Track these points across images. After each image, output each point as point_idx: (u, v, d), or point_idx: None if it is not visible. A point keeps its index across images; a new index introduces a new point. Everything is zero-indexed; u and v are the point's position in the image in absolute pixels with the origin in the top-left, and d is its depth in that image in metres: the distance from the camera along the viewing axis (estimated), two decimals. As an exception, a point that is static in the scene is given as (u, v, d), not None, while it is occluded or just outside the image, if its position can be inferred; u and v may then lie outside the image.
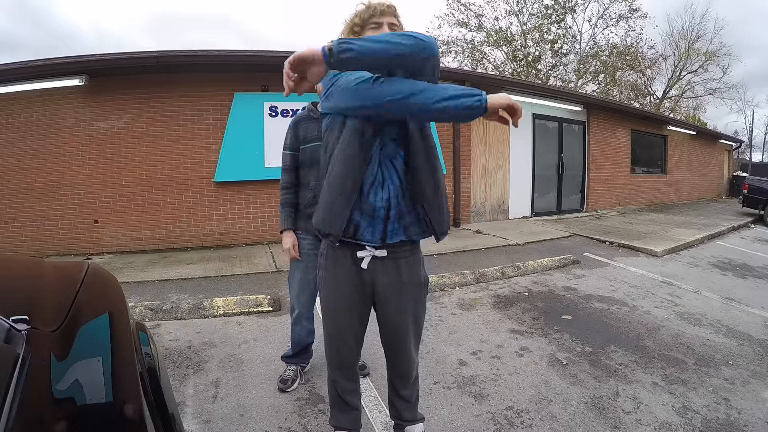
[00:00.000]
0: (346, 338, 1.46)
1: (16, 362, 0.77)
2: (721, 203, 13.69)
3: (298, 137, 2.11)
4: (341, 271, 1.39)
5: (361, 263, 1.35)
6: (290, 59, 1.09)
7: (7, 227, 5.18)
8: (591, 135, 9.48)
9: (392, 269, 1.38)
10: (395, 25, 1.35)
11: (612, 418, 1.98)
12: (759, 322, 3.26)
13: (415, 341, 1.52)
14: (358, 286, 1.39)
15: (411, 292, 1.43)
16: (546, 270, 4.63)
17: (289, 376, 2.23)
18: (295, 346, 2.27)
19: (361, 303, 1.42)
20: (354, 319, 1.44)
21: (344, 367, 1.53)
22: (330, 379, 1.57)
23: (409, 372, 1.54)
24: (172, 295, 3.59)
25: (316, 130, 2.05)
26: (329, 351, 1.52)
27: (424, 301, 1.49)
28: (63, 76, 4.92)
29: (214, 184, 5.60)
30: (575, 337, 2.88)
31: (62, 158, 5.21)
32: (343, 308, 1.42)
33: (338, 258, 1.39)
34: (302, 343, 2.26)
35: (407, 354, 1.49)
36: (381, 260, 1.36)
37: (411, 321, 1.46)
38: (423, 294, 1.48)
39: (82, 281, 1.25)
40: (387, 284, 1.38)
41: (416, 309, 1.47)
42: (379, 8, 1.34)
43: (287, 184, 2.14)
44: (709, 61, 21.35)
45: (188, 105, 5.47)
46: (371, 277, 1.37)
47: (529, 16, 18.50)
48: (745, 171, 17.80)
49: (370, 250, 1.34)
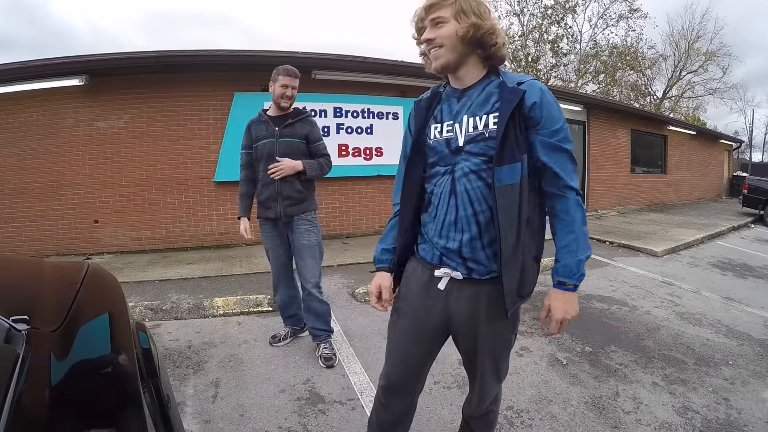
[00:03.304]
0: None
1: (16, 362, 0.77)
2: (721, 203, 13.68)
3: (252, 137, 2.46)
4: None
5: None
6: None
7: (7, 227, 5.17)
8: (591, 135, 9.47)
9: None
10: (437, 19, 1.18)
11: (612, 418, 1.98)
12: (759, 322, 3.26)
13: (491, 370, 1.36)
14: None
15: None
16: (546, 270, 4.63)
17: (280, 333, 2.70)
18: (282, 310, 2.68)
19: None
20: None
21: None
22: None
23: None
24: (172, 295, 3.59)
25: (264, 130, 2.41)
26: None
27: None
28: (63, 76, 4.92)
29: (214, 184, 5.60)
30: (575, 337, 2.88)
31: (62, 158, 5.21)
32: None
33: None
34: (287, 307, 2.65)
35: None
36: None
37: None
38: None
39: (82, 281, 1.25)
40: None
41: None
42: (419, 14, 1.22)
43: (245, 178, 2.55)
44: (709, 61, 21.36)
45: (188, 105, 5.47)
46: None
47: (530, 17, 18.52)
48: (745, 171, 17.79)
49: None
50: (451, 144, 1.19)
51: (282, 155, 2.34)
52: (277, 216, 2.39)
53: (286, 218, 2.39)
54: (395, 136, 6.13)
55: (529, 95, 1.12)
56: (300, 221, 2.41)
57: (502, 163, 1.11)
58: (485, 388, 1.38)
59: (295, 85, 2.37)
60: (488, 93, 1.17)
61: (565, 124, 1.15)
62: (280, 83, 2.34)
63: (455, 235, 1.18)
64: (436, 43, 1.16)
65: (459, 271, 1.19)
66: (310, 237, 2.43)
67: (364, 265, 4.61)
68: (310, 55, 5.56)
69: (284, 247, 2.51)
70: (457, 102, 1.22)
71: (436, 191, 1.22)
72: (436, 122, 1.25)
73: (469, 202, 1.16)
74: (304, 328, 2.70)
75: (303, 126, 2.43)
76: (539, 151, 1.13)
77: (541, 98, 1.12)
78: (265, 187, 2.40)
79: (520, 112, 1.12)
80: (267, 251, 2.57)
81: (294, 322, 2.70)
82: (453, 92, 1.24)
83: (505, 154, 1.11)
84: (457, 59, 1.18)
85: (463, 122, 1.19)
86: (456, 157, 1.19)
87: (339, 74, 5.80)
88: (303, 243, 2.41)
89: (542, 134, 1.13)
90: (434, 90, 1.31)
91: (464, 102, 1.21)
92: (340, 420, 1.94)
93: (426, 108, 1.29)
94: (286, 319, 2.70)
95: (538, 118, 1.12)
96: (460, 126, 1.19)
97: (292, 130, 2.39)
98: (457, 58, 1.17)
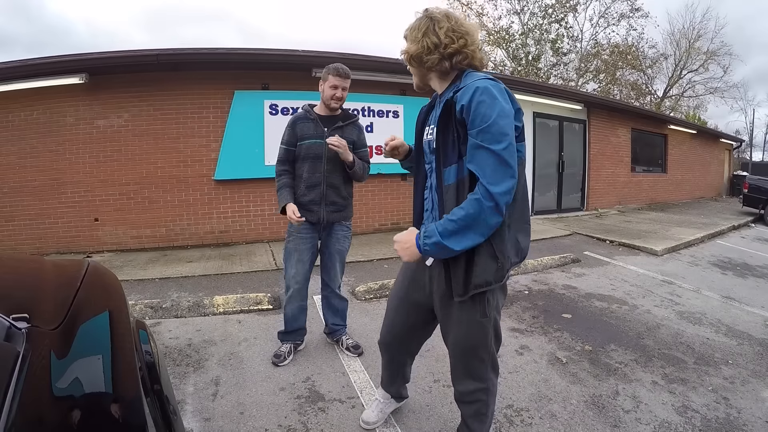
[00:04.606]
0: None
1: (16, 360, 0.77)
2: (721, 202, 13.68)
3: (296, 134, 2.33)
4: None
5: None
6: None
7: (7, 225, 5.17)
8: (591, 134, 9.46)
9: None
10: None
11: (612, 416, 1.99)
12: (759, 322, 3.27)
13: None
14: None
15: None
16: (546, 269, 4.63)
17: (282, 351, 2.47)
18: (289, 323, 2.48)
19: None
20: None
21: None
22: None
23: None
24: (172, 293, 3.59)
25: (311, 129, 2.31)
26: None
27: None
28: (63, 74, 4.91)
29: (214, 182, 5.60)
30: (575, 336, 2.89)
31: (62, 156, 5.20)
32: None
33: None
34: (295, 320, 2.48)
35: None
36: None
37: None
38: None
39: (83, 279, 1.25)
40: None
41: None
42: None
43: (283, 171, 2.36)
44: (709, 60, 21.33)
45: (188, 103, 5.46)
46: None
47: (530, 15, 18.47)
48: (745, 170, 17.73)
49: None
50: (431, 145, 1.37)
51: (330, 159, 2.27)
52: (318, 220, 2.34)
53: (327, 223, 2.37)
54: (396, 134, 6.11)
55: (459, 99, 1.20)
56: (339, 227, 2.42)
57: (445, 165, 1.27)
58: (456, 367, 1.48)
59: (346, 85, 2.28)
60: (442, 102, 1.32)
61: (497, 122, 1.14)
62: (330, 83, 2.25)
63: (431, 222, 1.33)
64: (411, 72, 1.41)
65: None
66: (345, 243, 2.47)
67: (364, 263, 4.62)
68: (310, 54, 5.55)
69: (313, 250, 2.42)
70: (437, 108, 1.39)
71: (428, 184, 1.44)
72: (428, 126, 1.43)
73: (438, 195, 1.32)
74: (302, 342, 2.61)
75: (352, 130, 2.38)
76: (468, 152, 1.19)
77: (470, 100, 1.17)
78: (310, 189, 2.31)
79: (455, 118, 1.22)
80: (289, 252, 2.39)
81: (296, 336, 2.54)
82: (438, 99, 1.42)
83: (447, 157, 1.26)
84: (420, 79, 1.41)
85: (432, 126, 1.38)
86: (432, 156, 1.36)
87: (339, 72, 5.78)
88: (338, 248, 2.45)
89: (471, 134, 1.18)
90: (433, 96, 1.48)
91: (435, 109, 1.40)
92: (339, 418, 1.94)
93: (425, 113, 1.47)
94: (288, 334, 2.51)
95: (467, 120, 1.19)
96: (431, 130, 1.38)
97: (342, 133, 2.31)
98: (419, 78, 1.41)
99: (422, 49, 1.29)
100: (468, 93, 1.18)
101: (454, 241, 1.17)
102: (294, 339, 2.54)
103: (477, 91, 1.17)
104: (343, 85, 2.27)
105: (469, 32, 1.30)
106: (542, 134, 8.60)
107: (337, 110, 2.37)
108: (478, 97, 1.16)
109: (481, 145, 1.15)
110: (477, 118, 1.16)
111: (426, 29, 1.30)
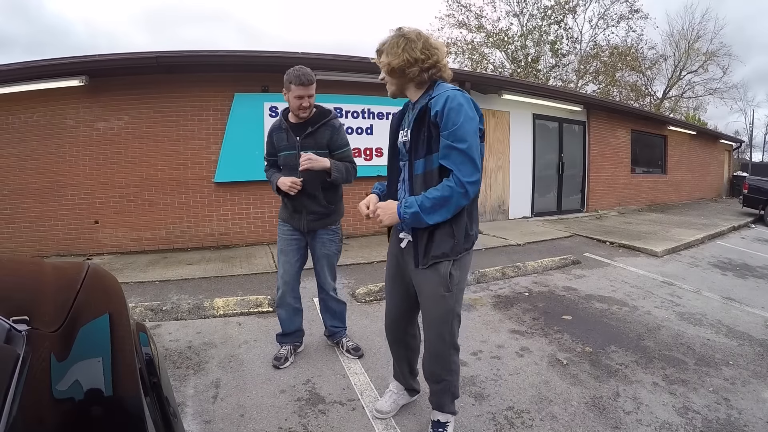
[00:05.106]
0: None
1: (16, 363, 0.77)
2: (721, 203, 13.68)
3: (274, 145, 2.38)
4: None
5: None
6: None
7: (7, 228, 5.17)
8: (591, 135, 9.47)
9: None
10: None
11: (612, 418, 1.98)
12: (759, 322, 3.26)
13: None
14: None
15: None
16: (546, 270, 4.63)
17: (282, 354, 2.46)
18: (285, 325, 2.49)
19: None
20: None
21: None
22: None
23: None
24: (172, 296, 3.59)
25: (284, 139, 2.31)
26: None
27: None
28: (63, 76, 4.92)
29: (214, 185, 5.60)
30: (576, 338, 2.88)
31: (62, 159, 5.20)
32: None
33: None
34: (291, 322, 2.48)
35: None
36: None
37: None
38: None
39: (83, 282, 1.25)
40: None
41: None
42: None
43: (269, 166, 2.49)
44: (709, 61, 21.35)
45: (188, 105, 5.47)
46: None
47: (529, 17, 18.50)
48: (745, 171, 17.76)
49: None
50: (406, 145, 1.64)
51: (304, 170, 2.20)
52: (300, 228, 2.36)
53: (309, 230, 2.37)
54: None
55: (434, 106, 1.49)
56: (323, 231, 2.40)
57: (416, 158, 1.57)
58: (430, 346, 1.72)
59: (311, 93, 2.20)
60: (419, 107, 1.57)
61: (463, 126, 1.45)
62: (294, 94, 2.16)
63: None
64: (385, 81, 1.66)
65: (409, 235, 1.63)
66: (331, 247, 2.44)
67: (364, 265, 4.62)
68: (310, 56, 5.56)
69: (300, 253, 2.43)
70: (410, 113, 1.65)
71: (401, 177, 1.69)
72: (402, 129, 1.70)
73: (407, 187, 1.62)
74: (302, 343, 2.62)
75: (323, 133, 2.28)
76: (440, 148, 1.48)
77: (443, 107, 1.46)
78: (290, 199, 2.31)
79: (429, 120, 1.49)
80: (279, 253, 2.44)
81: (294, 338, 2.54)
82: (411, 106, 1.67)
83: (417, 151, 1.56)
84: (397, 88, 1.64)
85: (406, 129, 1.63)
86: (407, 154, 1.63)
87: (339, 75, 5.79)
88: (324, 252, 2.43)
89: (443, 136, 1.47)
90: (405, 104, 1.75)
91: (409, 114, 1.66)
92: (340, 420, 1.94)
93: (399, 118, 1.76)
94: (286, 336, 2.51)
95: (440, 124, 1.47)
96: (404, 132, 1.65)
97: (314, 139, 2.25)
98: (397, 87, 1.64)
99: (404, 63, 1.52)
100: (441, 101, 1.47)
101: (427, 214, 1.47)
102: (292, 341, 2.54)
103: (448, 100, 1.46)
104: (308, 93, 2.18)
105: (439, 49, 1.57)
106: (542, 136, 8.61)
107: (309, 117, 2.29)
108: (449, 104, 1.45)
109: (452, 144, 1.45)
110: (448, 123, 1.45)
111: (405, 46, 1.53)
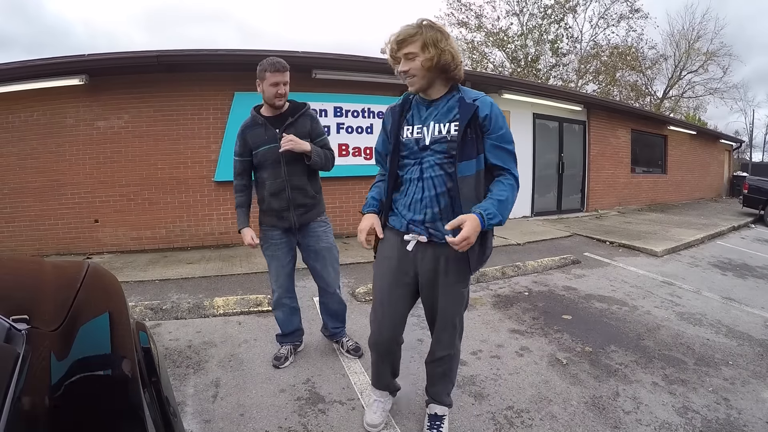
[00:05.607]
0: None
1: (16, 361, 0.77)
2: (721, 203, 13.68)
3: (248, 144, 2.27)
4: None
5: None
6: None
7: (7, 226, 5.17)
8: (591, 135, 9.47)
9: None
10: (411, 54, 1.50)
11: (612, 418, 1.99)
12: (759, 322, 3.26)
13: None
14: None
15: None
16: (546, 270, 4.63)
17: (282, 354, 2.47)
18: (283, 325, 2.49)
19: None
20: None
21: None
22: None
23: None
24: (172, 295, 3.59)
25: (262, 134, 2.23)
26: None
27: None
28: (63, 75, 4.91)
29: (214, 184, 5.60)
30: (575, 337, 2.88)
31: (62, 158, 5.20)
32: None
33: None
34: (289, 322, 2.48)
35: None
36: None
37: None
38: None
39: (83, 281, 1.25)
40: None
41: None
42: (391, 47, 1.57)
43: (240, 187, 2.36)
44: (709, 60, 21.34)
45: (188, 104, 5.47)
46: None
47: (529, 16, 18.49)
48: (745, 171, 17.75)
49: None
50: (420, 143, 1.57)
51: (289, 161, 2.18)
52: (291, 226, 2.29)
53: (300, 226, 2.32)
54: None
55: (482, 109, 1.50)
56: (315, 224, 2.35)
57: (461, 159, 1.50)
58: (441, 335, 1.74)
59: (286, 79, 2.17)
60: (450, 106, 1.54)
61: (507, 129, 1.54)
62: (269, 81, 2.15)
63: (421, 209, 1.57)
64: (410, 74, 1.51)
65: (424, 236, 1.58)
66: (329, 239, 2.40)
67: (364, 264, 4.62)
68: (310, 55, 5.56)
69: (291, 254, 2.40)
70: (426, 110, 1.59)
71: (407, 177, 1.61)
72: (408, 124, 1.62)
73: (433, 186, 1.55)
74: (302, 342, 2.62)
75: (304, 122, 2.26)
76: (488, 149, 1.52)
77: (491, 111, 1.50)
78: (275, 196, 2.24)
79: (476, 122, 1.50)
80: (269, 260, 2.40)
81: (294, 338, 2.53)
82: (422, 102, 1.61)
83: (464, 152, 1.50)
84: (427, 83, 1.54)
85: (430, 127, 1.55)
86: (423, 153, 1.56)
87: (339, 74, 5.79)
88: (323, 245, 2.36)
89: (491, 138, 1.51)
90: (405, 97, 1.67)
91: (431, 111, 1.57)
92: (340, 419, 1.94)
93: (399, 113, 1.65)
94: (285, 336, 2.51)
95: (488, 126, 1.50)
96: (427, 129, 1.56)
97: (296, 129, 2.21)
98: (427, 82, 1.53)
99: (450, 58, 1.48)
100: (486, 105, 1.51)
101: (504, 218, 1.48)
102: (292, 340, 2.53)
103: (492, 105, 1.52)
104: (283, 80, 2.15)
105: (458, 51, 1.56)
106: (542, 135, 8.60)
107: (283, 106, 2.24)
108: (496, 110, 1.52)
109: (501, 146, 1.52)
110: (497, 126, 1.51)
111: (449, 41, 1.50)
